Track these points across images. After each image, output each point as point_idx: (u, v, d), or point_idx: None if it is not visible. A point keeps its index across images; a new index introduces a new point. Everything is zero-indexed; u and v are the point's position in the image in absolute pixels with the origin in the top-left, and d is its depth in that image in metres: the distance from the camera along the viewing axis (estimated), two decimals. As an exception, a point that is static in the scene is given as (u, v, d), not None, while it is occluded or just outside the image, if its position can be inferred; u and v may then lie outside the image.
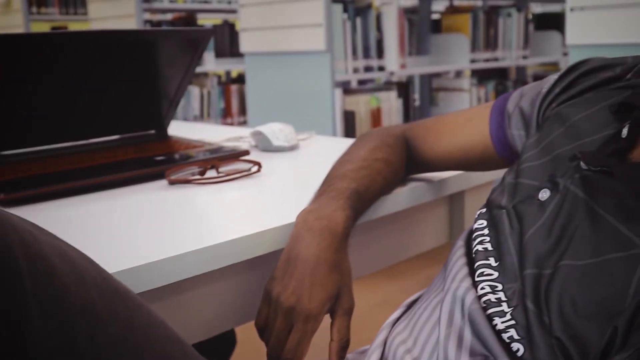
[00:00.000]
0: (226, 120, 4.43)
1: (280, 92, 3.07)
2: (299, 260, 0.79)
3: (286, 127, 1.37)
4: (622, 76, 0.83)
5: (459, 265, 0.76)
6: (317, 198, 0.87)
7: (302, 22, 2.89)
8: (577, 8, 2.22)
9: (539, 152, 0.79)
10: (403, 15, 3.24)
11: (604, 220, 0.64)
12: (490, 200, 0.81)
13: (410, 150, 1.01)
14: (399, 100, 3.41)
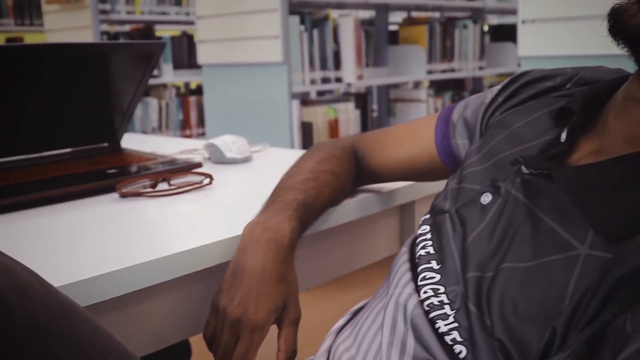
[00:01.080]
0: (185, 131, 4.42)
1: (238, 104, 3.07)
2: (246, 272, 0.80)
3: (239, 139, 1.38)
4: (562, 85, 0.86)
5: (402, 271, 0.77)
6: (264, 210, 0.88)
7: (259, 34, 2.90)
8: (529, 21, 2.27)
9: (481, 157, 0.81)
10: (360, 27, 3.28)
11: (543, 223, 0.66)
12: (433, 205, 0.83)
13: (359, 161, 1.03)
14: (357, 111, 3.44)
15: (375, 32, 3.66)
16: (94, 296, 0.75)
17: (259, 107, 2.98)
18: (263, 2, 2.86)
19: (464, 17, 4.17)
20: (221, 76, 3.14)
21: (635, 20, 0.63)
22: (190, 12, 4.37)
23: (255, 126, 3.01)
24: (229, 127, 3.12)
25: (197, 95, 4.42)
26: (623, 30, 0.64)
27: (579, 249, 0.62)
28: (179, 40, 4.53)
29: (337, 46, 3.16)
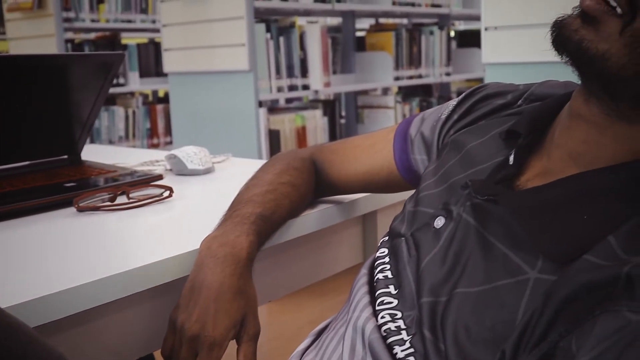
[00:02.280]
0: (152, 140, 4.38)
1: (205, 112, 3.05)
2: (203, 288, 0.79)
3: (201, 150, 1.37)
4: (513, 103, 0.86)
5: (361, 294, 0.77)
6: (221, 224, 0.87)
7: (225, 42, 2.89)
8: (491, 28, 2.29)
9: (436, 180, 0.81)
10: (326, 34, 3.28)
11: (494, 247, 0.66)
12: (391, 228, 0.83)
13: (318, 173, 1.02)
14: (324, 118, 3.44)
15: (342, 39, 3.66)
16: (48, 315, 0.73)
17: (225, 115, 2.97)
18: (229, 10, 2.84)
19: (431, 23, 4.20)
20: (187, 84, 3.12)
21: (577, 35, 0.62)
22: (156, 20, 4.34)
23: (222, 134, 2.99)
24: (196, 135, 3.10)
25: (165, 104, 4.40)
26: (565, 44, 0.64)
27: (529, 274, 0.62)
28: (145, 48, 4.50)
29: (303, 53, 3.16)
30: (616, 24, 0.61)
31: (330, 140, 3.56)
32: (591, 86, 0.65)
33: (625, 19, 0.60)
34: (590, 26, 0.62)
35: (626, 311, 0.53)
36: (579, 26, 0.63)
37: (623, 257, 0.57)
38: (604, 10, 0.61)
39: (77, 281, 0.76)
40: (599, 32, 0.61)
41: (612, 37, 0.61)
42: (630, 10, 0.60)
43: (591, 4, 0.62)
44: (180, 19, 3.05)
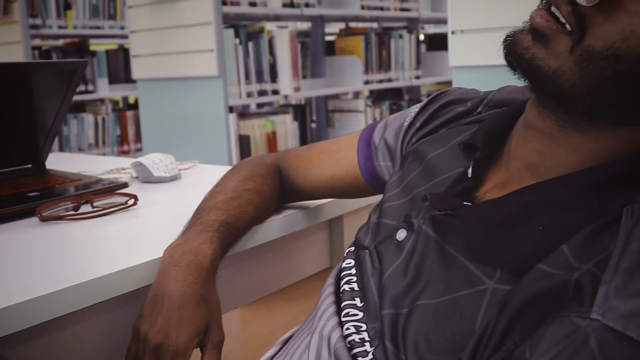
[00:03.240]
0: (122, 147, 4.35)
1: (175, 118, 3.04)
2: (166, 297, 0.78)
3: (167, 157, 1.36)
4: (473, 110, 0.87)
5: (327, 304, 0.77)
6: (185, 232, 0.87)
7: (194, 47, 2.88)
8: (458, 31, 2.31)
9: (399, 192, 0.82)
10: (295, 39, 3.28)
11: (455, 259, 0.67)
12: (357, 239, 0.83)
13: (283, 179, 1.02)
14: (295, 123, 3.44)
15: (311, 44, 3.67)
16: (9, 327, 0.73)
17: (195, 121, 2.96)
18: (197, 16, 2.84)
19: (400, 27, 4.22)
20: (157, 91, 3.11)
21: (529, 53, 0.63)
22: (125, 26, 4.31)
23: (192, 140, 2.98)
24: (166, 142, 3.08)
25: (135, 110, 4.37)
26: (518, 62, 0.64)
27: (487, 284, 0.62)
28: (114, 54, 4.47)
29: (272, 58, 3.16)
30: (566, 42, 0.61)
31: (301, 145, 3.57)
32: (544, 101, 0.66)
33: (575, 37, 0.60)
34: (541, 44, 0.62)
35: (575, 317, 0.54)
36: (530, 44, 0.63)
37: (575, 265, 0.58)
38: (554, 28, 0.62)
39: (38, 292, 0.75)
40: (550, 49, 0.62)
41: (562, 55, 0.61)
42: (579, 29, 0.60)
43: (541, 21, 0.63)
44: (148, 25, 3.04)
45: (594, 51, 0.59)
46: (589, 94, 0.61)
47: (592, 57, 0.60)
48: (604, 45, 0.59)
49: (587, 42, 0.60)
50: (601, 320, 0.53)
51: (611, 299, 0.53)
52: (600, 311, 0.53)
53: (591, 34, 0.60)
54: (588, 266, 0.57)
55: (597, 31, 0.59)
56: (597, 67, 0.60)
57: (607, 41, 0.59)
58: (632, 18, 0.58)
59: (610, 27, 0.59)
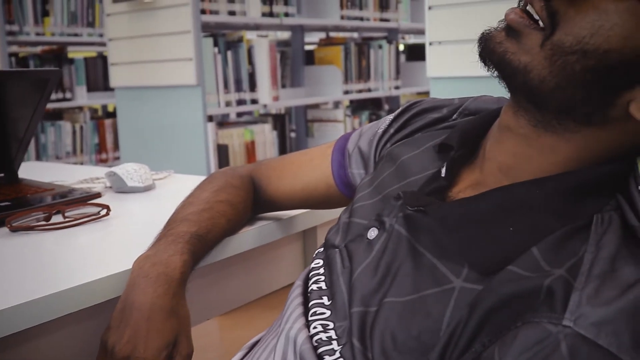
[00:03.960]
0: (101, 155, 4.32)
1: (153, 127, 3.02)
2: (134, 308, 0.78)
3: (141, 167, 1.35)
4: (448, 116, 0.88)
5: (294, 305, 0.77)
6: (155, 243, 0.86)
7: (173, 56, 2.87)
8: (435, 42, 2.32)
9: (371, 191, 0.82)
10: (275, 49, 3.28)
11: (424, 258, 0.67)
12: (326, 239, 0.83)
13: (257, 190, 1.02)
14: (274, 132, 3.44)
15: (291, 53, 3.68)
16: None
17: (174, 130, 2.95)
18: (176, 25, 2.83)
19: (380, 37, 4.24)
20: (135, 99, 3.09)
21: (501, 47, 0.65)
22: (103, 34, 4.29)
23: (170, 149, 2.97)
24: (144, 151, 3.07)
25: (114, 118, 4.34)
26: (490, 56, 0.66)
27: (454, 282, 0.63)
28: (93, 62, 4.44)
29: (252, 68, 3.16)
30: (538, 37, 0.63)
31: (280, 154, 3.56)
32: (517, 97, 0.68)
33: (546, 33, 0.62)
34: (514, 39, 0.64)
35: (546, 323, 0.55)
36: (503, 39, 0.65)
37: (546, 269, 0.58)
38: (527, 24, 0.64)
39: (6, 303, 0.74)
40: (522, 44, 0.64)
41: (533, 49, 0.63)
42: (550, 24, 0.62)
43: (515, 17, 0.64)
44: (127, 33, 3.03)
45: (564, 46, 0.61)
46: (558, 88, 0.63)
47: (562, 52, 0.61)
48: (574, 40, 0.61)
49: (558, 37, 0.62)
50: (573, 327, 0.53)
51: (583, 306, 0.54)
52: (572, 318, 0.54)
53: (562, 29, 0.61)
54: (560, 271, 0.57)
55: (568, 26, 0.61)
56: (566, 62, 0.61)
57: (576, 36, 0.61)
58: (601, 14, 0.60)
59: (581, 22, 0.60)
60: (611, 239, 0.59)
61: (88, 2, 4.24)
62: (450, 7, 2.23)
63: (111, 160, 4.34)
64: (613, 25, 0.59)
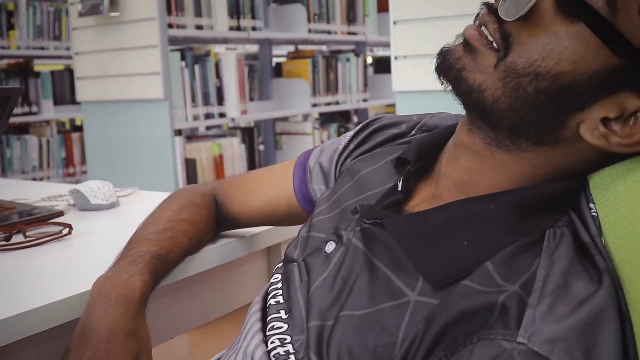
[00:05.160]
0: (68, 169, 4.28)
1: (121, 141, 3.00)
2: (94, 330, 0.77)
3: (105, 184, 1.34)
4: (407, 132, 0.89)
5: (253, 321, 0.77)
6: (116, 263, 0.86)
7: (140, 70, 2.86)
8: (401, 56, 2.35)
9: (329, 205, 0.83)
10: (243, 62, 3.29)
11: (380, 271, 0.68)
12: (285, 254, 0.84)
13: (219, 207, 1.02)
14: (242, 145, 3.44)
15: (259, 66, 3.68)
16: None
17: (141, 145, 2.93)
18: (143, 39, 2.82)
19: (348, 50, 4.27)
20: (102, 113, 3.07)
21: (459, 63, 0.66)
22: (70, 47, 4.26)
23: (138, 164, 2.95)
24: (111, 165, 3.04)
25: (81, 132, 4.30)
26: (447, 72, 0.67)
27: (409, 296, 0.63)
28: (60, 75, 4.40)
29: (219, 81, 3.16)
30: (492, 57, 0.64)
31: (249, 168, 3.56)
32: (471, 115, 0.69)
33: (500, 54, 0.63)
34: (470, 55, 0.65)
35: (501, 339, 0.56)
36: (461, 54, 0.66)
37: (500, 283, 0.59)
38: (483, 43, 0.65)
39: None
40: (477, 63, 0.65)
41: (487, 70, 0.64)
42: (504, 46, 0.63)
43: (473, 33, 0.66)
44: (93, 47, 3.01)
45: (517, 68, 0.62)
46: (510, 109, 0.64)
47: (515, 74, 0.62)
48: (526, 62, 0.62)
49: (511, 59, 0.63)
50: (527, 344, 0.54)
51: (537, 323, 0.55)
52: (527, 334, 0.55)
53: (515, 51, 0.63)
54: (514, 287, 0.58)
55: (521, 49, 0.62)
56: (519, 84, 0.63)
57: (529, 59, 0.62)
58: (553, 38, 0.61)
59: (533, 46, 0.62)
60: (564, 253, 0.60)
61: (54, 15, 4.21)
62: (414, 22, 2.26)
63: (78, 175, 4.31)
64: (564, 49, 0.61)
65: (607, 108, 0.62)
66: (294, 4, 3.68)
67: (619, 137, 0.63)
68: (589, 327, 0.54)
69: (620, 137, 0.63)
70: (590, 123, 0.63)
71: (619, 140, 0.63)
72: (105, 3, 2.80)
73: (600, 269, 0.59)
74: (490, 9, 0.66)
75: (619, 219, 0.60)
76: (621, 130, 0.63)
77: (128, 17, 2.83)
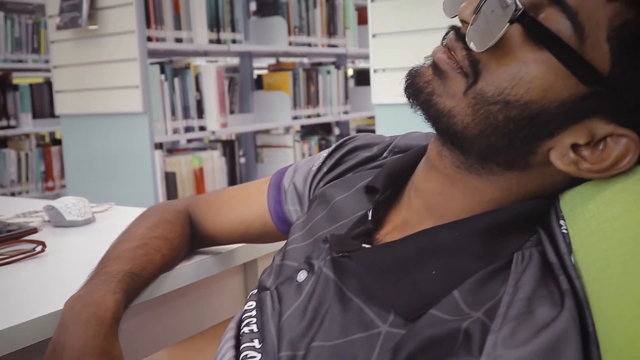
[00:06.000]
0: (47, 183, 4.24)
1: (100, 155, 2.98)
2: (65, 351, 0.76)
3: (80, 200, 1.33)
4: (378, 155, 0.88)
5: (226, 349, 0.77)
6: (88, 282, 0.85)
7: (119, 83, 2.84)
8: (380, 69, 2.35)
9: (304, 234, 0.82)
10: (223, 75, 3.28)
11: (352, 302, 0.67)
12: (259, 281, 0.83)
13: (194, 224, 1.01)
14: (223, 158, 3.43)
15: (240, 79, 3.68)
16: None
17: (121, 158, 2.91)
18: (122, 52, 2.81)
19: (329, 62, 4.27)
20: (81, 127, 3.05)
21: (429, 87, 0.65)
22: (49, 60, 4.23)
23: (117, 177, 2.93)
24: (91, 179, 3.02)
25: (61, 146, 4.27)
26: (417, 95, 0.66)
27: (380, 327, 0.63)
28: (39, 89, 4.37)
29: (199, 94, 3.15)
30: (461, 83, 0.63)
31: (230, 181, 3.55)
32: (442, 138, 0.68)
33: (469, 81, 0.62)
34: (440, 79, 0.64)
35: None
36: (430, 77, 0.65)
37: (466, 311, 0.59)
38: (453, 67, 0.64)
39: None
40: (447, 87, 0.64)
41: (457, 95, 0.63)
42: (473, 73, 0.62)
43: (443, 57, 0.64)
44: (72, 60, 2.99)
45: (486, 95, 0.62)
46: (481, 135, 0.63)
47: (484, 101, 0.62)
48: (496, 90, 0.61)
49: (480, 86, 0.62)
50: None
51: (499, 348, 0.55)
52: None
53: (484, 78, 0.62)
54: (478, 314, 0.58)
55: (490, 77, 0.61)
56: (489, 111, 0.62)
57: (498, 87, 0.61)
58: (522, 66, 0.60)
59: (502, 74, 0.61)
60: (529, 278, 0.60)
61: (33, 28, 4.18)
62: (393, 35, 2.27)
63: (58, 189, 4.27)
64: (533, 78, 0.60)
65: (576, 134, 0.62)
66: (275, 17, 3.68)
67: (589, 163, 0.62)
68: (550, 350, 0.54)
69: (590, 163, 0.62)
70: (560, 149, 0.63)
71: (588, 167, 0.62)
72: (84, 16, 2.79)
73: (563, 290, 0.58)
74: (457, 33, 0.65)
75: (588, 236, 0.60)
76: (591, 155, 0.62)
77: (107, 30, 2.82)
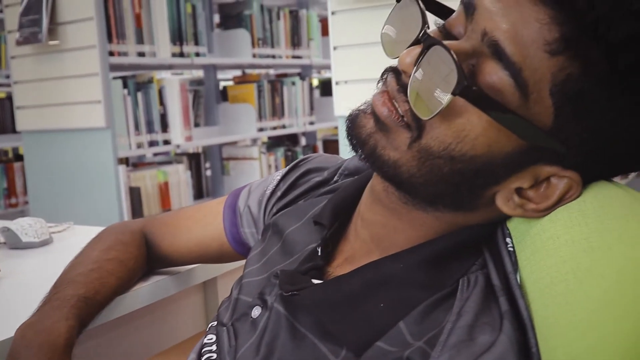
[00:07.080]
0: (10, 200, 4.17)
1: (63, 171, 2.95)
2: (16, 380, 0.75)
3: (37, 221, 1.31)
4: (329, 179, 0.88)
5: None
6: (40, 308, 0.84)
7: (81, 99, 2.82)
8: (342, 81, 2.36)
9: (259, 267, 0.81)
10: (186, 88, 3.27)
11: (305, 338, 0.67)
12: (218, 313, 0.82)
13: (150, 245, 1.00)
14: (188, 172, 3.41)
15: (204, 92, 3.67)
16: None
17: (84, 174, 2.88)
18: (83, 67, 2.78)
19: (294, 73, 4.28)
20: (43, 143, 3.01)
21: (371, 139, 0.63)
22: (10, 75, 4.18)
23: (81, 193, 2.90)
24: (54, 195, 2.99)
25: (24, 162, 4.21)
26: (361, 146, 0.65)
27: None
28: (0, 104, 4.31)
29: (163, 108, 3.14)
30: (405, 136, 0.62)
31: (195, 194, 3.53)
32: (388, 182, 0.67)
33: (413, 135, 0.61)
34: (382, 132, 0.63)
35: None
36: (373, 130, 0.63)
37: (410, 342, 0.59)
38: (395, 120, 0.62)
39: None
40: (390, 140, 0.63)
41: (401, 148, 0.62)
42: (416, 127, 0.61)
43: (384, 110, 0.62)
44: (33, 76, 2.96)
45: (431, 150, 0.61)
46: (426, 184, 0.63)
47: (429, 155, 0.61)
48: (440, 145, 0.60)
49: (425, 141, 0.61)
50: None
51: None
52: None
53: (428, 133, 0.61)
54: (419, 343, 0.58)
55: (434, 132, 0.60)
56: (434, 164, 0.61)
57: (442, 142, 0.60)
58: (466, 124, 0.59)
59: (446, 131, 0.60)
60: (472, 305, 0.59)
61: (-7, 43, 4.14)
62: (353, 48, 2.28)
63: (22, 205, 4.20)
64: (477, 135, 0.59)
65: (521, 180, 0.62)
66: (238, 29, 3.68)
67: (534, 204, 0.62)
68: None
69: (535, 203, 0.62)
70: (505, 194, 0.63)
71: (534, 207, 0.62)
72: (44, 31, 2.76)
73: (502, 312, 0.58)
74: (398, 81, 0.63)
75: (533, 254, 0.60)
76: (535, 195, 0.63)
77: (68, 45, 2.80)
